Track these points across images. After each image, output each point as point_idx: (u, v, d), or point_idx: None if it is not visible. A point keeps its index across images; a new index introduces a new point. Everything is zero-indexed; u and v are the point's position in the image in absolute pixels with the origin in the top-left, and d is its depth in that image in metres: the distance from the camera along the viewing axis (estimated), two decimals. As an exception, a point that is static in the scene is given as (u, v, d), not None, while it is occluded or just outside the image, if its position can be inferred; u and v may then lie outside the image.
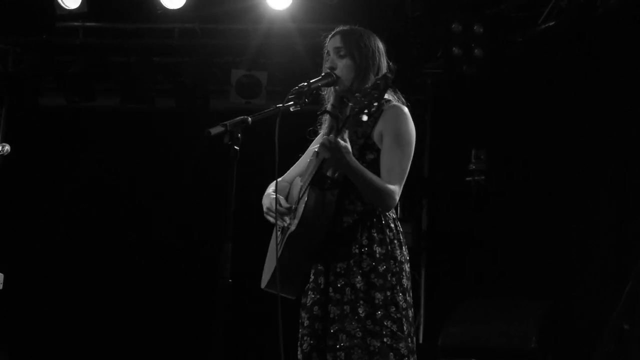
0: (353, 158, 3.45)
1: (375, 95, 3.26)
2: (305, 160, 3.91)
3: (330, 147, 3.38)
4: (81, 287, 8.85)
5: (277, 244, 3.65)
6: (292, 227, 3.56)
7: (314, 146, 3.91)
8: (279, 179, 3.92)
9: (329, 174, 3.56)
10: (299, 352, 3.66)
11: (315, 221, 3.52)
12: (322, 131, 3.88)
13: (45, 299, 8.74)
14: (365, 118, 3.29)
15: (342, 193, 3.59)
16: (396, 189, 3.54)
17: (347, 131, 3.43)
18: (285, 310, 3.68)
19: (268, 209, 3.74)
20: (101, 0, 8.09)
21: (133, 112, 8.85)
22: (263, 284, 3.84)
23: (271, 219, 3.74)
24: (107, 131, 9.04)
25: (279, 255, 3.61)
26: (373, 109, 3.27)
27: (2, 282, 5.17)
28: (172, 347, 8.72)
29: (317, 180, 3.52)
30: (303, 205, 3.51)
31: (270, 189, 3.90)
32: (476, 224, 8.22)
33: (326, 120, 3.86)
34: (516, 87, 7.92)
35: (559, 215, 7.57)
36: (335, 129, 3.42)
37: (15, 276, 5.68)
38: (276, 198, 3.65)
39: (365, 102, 3.26)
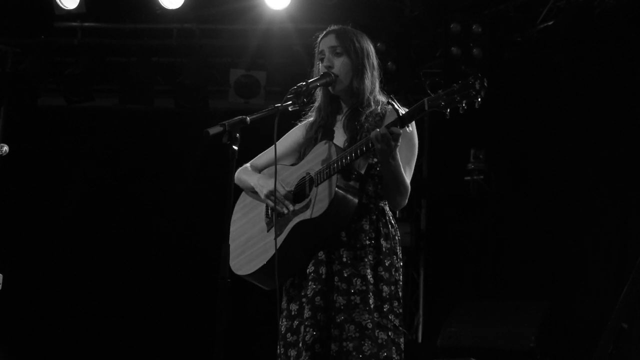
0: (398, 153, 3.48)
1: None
2: (285, 147, 3.90)
3: (392, 139, 3.38)
4: (81, 287, 8.85)
5: (275, 230, 3.63)
6: (310, 214, 3.54)
7: (295, 135, 3.91)
8: (248, 164, 3.95)
9: (356, 166, 3.56)
10: (280, 346, 3.61)
11: (339, 211, 3.52)
12: (310, 120, 3.89)
13: (45, 299, 8.74)
14: (410, 129, 3.51)
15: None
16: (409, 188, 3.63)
17: (409, 125, 3.46)
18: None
19: (271, 192, 3.70)
20: (100, 0, 8.08)
21: (132, 112, 8.86)
22: (242, 271, 3.77)
23: (271, 203, 3.72)
24: (106, 131, 9.04)
25: (279, 243, 3.59)
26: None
27: (1, 282, 5.17)
28: (172, 347, 8.73)
29: (345, 171, 3.53)
30: (330, 194, 3.49)
31: (250, 170, 3.91)
32: (475, 224, 8.23)
33: (314, 111, 3.87)
34: (515, 86, 7.92)
35: (558, 215, 7.58)
36: (399, 122, 3.40)
37: (15, 276, 5.68)
38: (275, 184, 3.65)
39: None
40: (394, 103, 3.43)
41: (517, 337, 6.61)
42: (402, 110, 3.45)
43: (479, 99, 3.27)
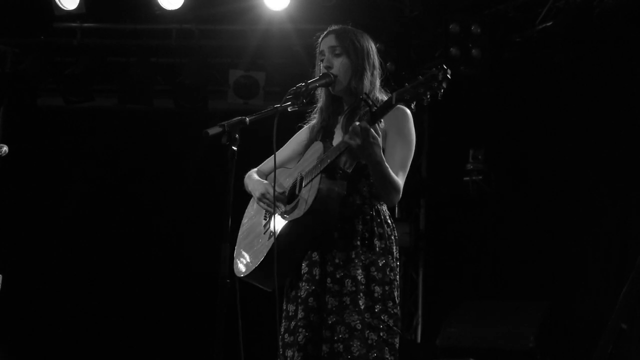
0: (380, 149, 3.46)
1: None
2: (290, 150, 3.93)
3: (363, 135, 3.36)
4: (81, 287, 8.85)
5: (272, 231, 3.64)
6: (297, 214, 3.55)
7: (299, 138, 3.93)
8: (254, 169, 3.99)
9: (342, 164, 3.57)
10: (280, 346, 3.63)
11: (324, 210, 3.53)
12: (312, 122, 3.90)
13: (45, 299, 8.74)
14: (382, 125, 3.47)
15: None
16: (402, 185, 3.60)
17: (382, 121, 3.44)
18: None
19: (263, 194, 3.74)
20: (99, 1, 8.09)
21: (132, 112, 8.85)
22: (242, 273, 3.80)
23: (264, 206, 3.75)
24: (105, 132, 9.04)
25: (272, 244, 3.59)
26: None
27: (0, 282, 5.17)
28: (172, 347, 8.73)
29: (329, 170, 3.53)
30: (314, 193, 3.50)
31: (254, 175, 3.94)
32: (474, 224, 8.23)
33: (316, 114, 3.88)
34: (514, 86, 7.92)
35: (557, 215, 7.57)
36: (369, 118, 3.40)
37: (15, 276, 5.67)
38: (274, 186, 3.67)
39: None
40: (367, 100, 3.44)
41: (517, 337, 6.61)
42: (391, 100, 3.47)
43: (442, 90, 3.25)
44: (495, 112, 7.98)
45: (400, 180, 3.58)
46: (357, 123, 3.38)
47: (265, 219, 3.82)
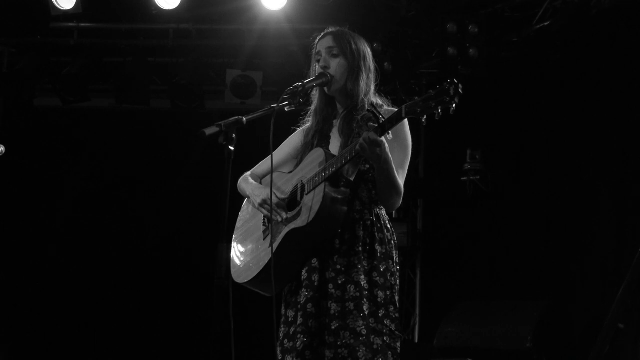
0: (390, 157, 3.48)
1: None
2: (284, 153, 3.92)
3: (373, 145, 3.38)
4: (79, 288, 8.84)
5: (271, 238, 3.63)
6: (301, 222, 3.54)
7: (293, 141, 3.92)
8: (248, 173, 3.97)
9: (345, 173, 3.57)
10: (278, 352, 3.63)
11: (328, 218, 3.52)
12: (306, 126, 3.90)
13: (44, 299, 8.73)
14: (390, 137, 3.45)
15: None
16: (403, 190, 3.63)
17: (390, 132, 3.46)
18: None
19: (264, 200, 3.72)
20: (96, 0, 8.08)
21: (128, 112, 8.85)
22: (241, 279, 3.80)
23: (265, 212, 3.74)
24: (102, 132, 9.03)
25: (274, 249, 3.59)
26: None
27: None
28: (171, 347, 8.72)
29: (333, 178, 3.53)
30: (319, 201, 3.50)
31: (250, 179, 3.93)
32: (472, 224, 8.22)
33: (310, 117, 3.87)
34: (511, 86, 7.92)
35: (555, 215, 7.57)
36: (378, 129, 3.41)
37: (12, 277, 5.67)
38: (271, 192, 3.66)
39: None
40: (374, 111, 3.45)
41: (514, 337, 6.61)
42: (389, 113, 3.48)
43: (454, 105, 3.27)
44: (492, 112, 7.97)
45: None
46: (367, 134, 3.39)
47: (265, 225, 3.80)
